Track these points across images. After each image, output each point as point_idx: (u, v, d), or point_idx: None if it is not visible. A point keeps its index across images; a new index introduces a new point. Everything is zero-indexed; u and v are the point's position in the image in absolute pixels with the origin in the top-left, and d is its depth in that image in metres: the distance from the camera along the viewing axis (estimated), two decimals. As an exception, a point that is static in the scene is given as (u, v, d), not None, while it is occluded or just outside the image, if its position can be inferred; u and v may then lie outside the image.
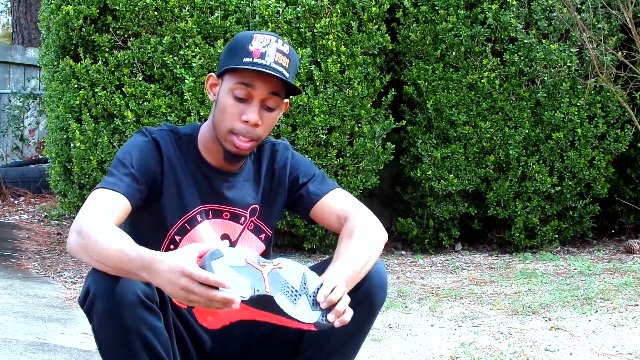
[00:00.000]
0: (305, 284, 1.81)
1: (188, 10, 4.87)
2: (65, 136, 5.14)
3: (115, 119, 4.84)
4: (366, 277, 1.98)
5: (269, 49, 2.00)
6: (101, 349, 1.91)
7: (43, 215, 7.07)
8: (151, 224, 2.08)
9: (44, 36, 5.44)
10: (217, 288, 1.68)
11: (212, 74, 2.12)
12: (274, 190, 2.18)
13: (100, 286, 1.83)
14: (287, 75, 2.02)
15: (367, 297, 2.00)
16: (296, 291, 1.79)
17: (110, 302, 1.82)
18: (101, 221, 1.88)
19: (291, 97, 2.26)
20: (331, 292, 1.80)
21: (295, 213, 2.26)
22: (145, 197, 2.04)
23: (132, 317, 1.83)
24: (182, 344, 2.04)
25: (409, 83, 5.32)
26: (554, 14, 5.24)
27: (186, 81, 4.76)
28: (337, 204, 2.14)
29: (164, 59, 4.82)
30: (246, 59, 2.00)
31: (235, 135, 2.03)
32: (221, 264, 1.72)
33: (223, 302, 1.68)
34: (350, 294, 1.96)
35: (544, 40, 5.22)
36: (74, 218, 1.94)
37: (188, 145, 2.12)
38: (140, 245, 1.79)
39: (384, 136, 5.17)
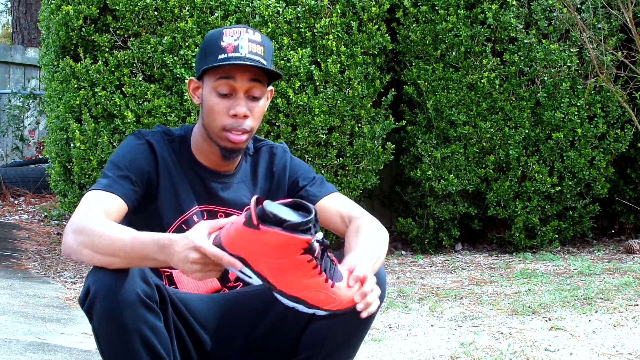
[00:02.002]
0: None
1: (188, 10, 4.88)
2: (65, 136, 5.15)
3: (115, 119, 4.84)
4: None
5: (241, 40, 2.02)
6: (101, 348, 1.91)
7: (43, 215, 7.07)
8: (148, 225, 2.08)
9: (44, 36, 5.44)
10: None
11: (192, 78, 2.14)
12: (272, 192, 2.18)
13: (101, 285, 1.83)
14: (265, 62, 2.04)
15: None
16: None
17: (110, 301, 1.83)
18: (101, 218, 1.89)
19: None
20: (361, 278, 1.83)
21: None
22: (140, 199, 2.05)
23: (133, 316, 1.84)
24: (182, 343, 2.05)
25: (409, 83, 5.32)
26: (554, 14, 5.24)
27: (186, 81, 4.76)
28: (339, 206, 2.16)
29: (164, 59, 4.82)
30: (221, 55, 2.02)
31: (227, 131, 2.04)
32: None
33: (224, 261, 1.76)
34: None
35: (544, 40, 5.22)
36: (68, 221, 1.94)
37: (181, 147, 2.14)
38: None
39: (384, 136, 5.17)
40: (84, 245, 1.85)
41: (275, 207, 1.75)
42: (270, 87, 2.14)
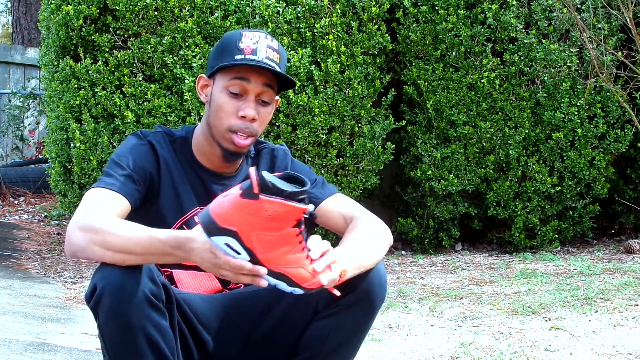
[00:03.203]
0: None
1: (188, 10, 4.88)
2: (65, 136, 5.15)
3: (115, 119, 4.84)
4: (365, 277, 1.98)
5: (260, 45, 2.03)
6: (106, 346, 1.91)
7: (43, 215, 7.07)
8: (149, 226, 2.08)
9: (44, 36, 5.44)
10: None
11: (202, 75, 2.13)
12: None
13: (108, 283, 1.83)
14: (279, 69, 2.05)
15: (366, 296, 2.00)
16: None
17: (117, 299, 1.82)
18: (109, 215, 1.89)
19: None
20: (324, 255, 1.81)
21: None
22: (142, 198, 2.05)
23: (139, 315, 1.84)
24: (184, 343, 2.05)
25: (409, 83, 5.32)
26: (554, 14, 5.24)
27: (186, 81, 4.76)
28: (342, 207, 2.15)
29: (164, 59, 4.82)
30: (238, 56, 2.02)
31: (233, 132, 2.04)
32: None
33: (251, 274, 1.74)
34: (349, 293, 1.97)
35: (544, 40, 5.22)
36: (70, 220, 1.93)
37: (182, 147, 2.13)
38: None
39: (384, 136, 5.17)
40: (94, 243, 1.84)
41: (273, 178, 1.75)
42: (277, 97, 2.14)
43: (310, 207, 1.76)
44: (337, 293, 1.85)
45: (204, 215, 1.76)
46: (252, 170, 1.72)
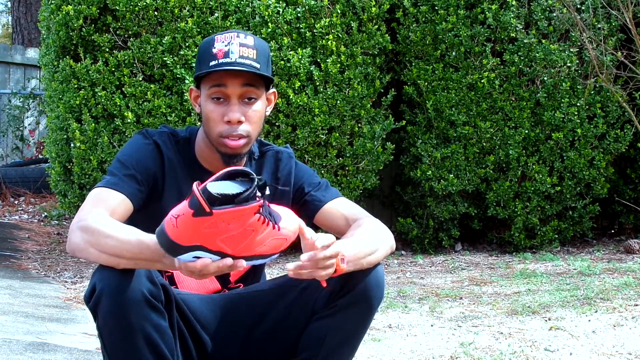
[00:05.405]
0: None
1: (188, 11, 4.88)
2: (65, 136, 5.15)
3: (115, 119, 4.84)
4: (363, 278, 1.99)
5: (232, 46, 2.02)
6: (105, 346, 1.92)
7: (43, 215, 7.07)
8: (151, 225, 2.08)
9: (44, 36, 5.45)
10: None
11: (192, 87, 2.14)
12: (277, 197, 2.19)
13: (107, 284, 1.83)
14: (258, 65, 2.03)
15: (364, 297, 2.01)
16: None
17: (116, 300, 1.83)
18: (107, 218, 1.89)
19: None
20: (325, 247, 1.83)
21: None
22: (146, 198, 2.05)
23: (138, 315, 1.84)
24: (184, 343, 2.05)
25: (409, 83, 5.32)
26: (554, 14, 5.24)
27: (186, 81, 4.77)
28: (345, 209, 2.16)
29: (164, 59, 4.82)
30: (212, 62, 2.02)
31: (224, 137, 2.05)
32: None
33: (231, 269, 1.73)
34: (347, 294, 1.97)
35: (544, 40, 5.22)
36: (74, 218, 1.94)
37: (185, 148, 2.14)
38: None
39: (384, 136, 5.17)
40: (90, 244, 1.85)
41: (218, 186, 1.72)
42: (272, 90, 2.14)
43: (264, 194, 1.74)
44: (324, 284, 1.86)
45: (164, 240, 1.72)
46: (195, 186, 1.69)
